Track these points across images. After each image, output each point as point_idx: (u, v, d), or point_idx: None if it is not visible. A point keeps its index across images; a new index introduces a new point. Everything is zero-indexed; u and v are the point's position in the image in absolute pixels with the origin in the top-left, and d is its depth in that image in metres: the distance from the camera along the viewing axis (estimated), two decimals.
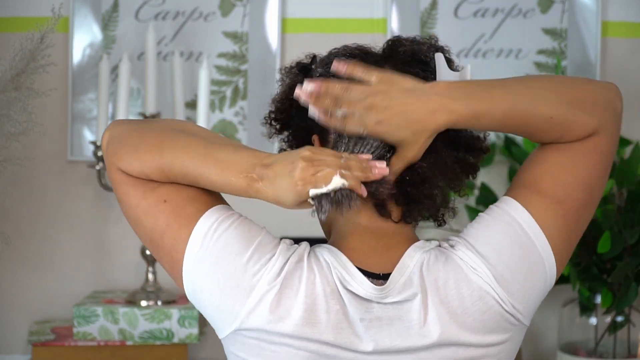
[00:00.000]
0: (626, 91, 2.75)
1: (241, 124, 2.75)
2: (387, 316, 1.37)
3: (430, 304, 1.37)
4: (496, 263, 1.38)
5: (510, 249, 1.39)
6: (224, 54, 2.76)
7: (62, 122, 2.75)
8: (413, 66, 1.43)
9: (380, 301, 1.38)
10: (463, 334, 1.37)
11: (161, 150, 1.40)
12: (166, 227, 1.40)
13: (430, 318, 1.36)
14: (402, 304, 1.37)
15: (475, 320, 1.37)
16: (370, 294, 1.37)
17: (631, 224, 2.48)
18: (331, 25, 2.75)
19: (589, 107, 1.43)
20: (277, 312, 1.36)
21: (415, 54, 1.44)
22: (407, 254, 1.41)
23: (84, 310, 2.55)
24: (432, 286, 1.37)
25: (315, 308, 1.36)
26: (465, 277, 1.38)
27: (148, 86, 2.62)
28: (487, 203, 2.66)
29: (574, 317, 2.63)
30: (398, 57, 1.44)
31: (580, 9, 2.73)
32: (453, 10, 2.74)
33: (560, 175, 1.43)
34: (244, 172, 1.37)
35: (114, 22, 2.75)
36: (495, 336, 1.38)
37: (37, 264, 2.76)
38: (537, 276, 1.40)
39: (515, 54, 2.73)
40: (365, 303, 1.37)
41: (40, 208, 2.76)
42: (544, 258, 1.40)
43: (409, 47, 1.45)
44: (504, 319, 1.39)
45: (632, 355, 2.58)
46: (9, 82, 2.41)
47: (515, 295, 1.39)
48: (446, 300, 1.37)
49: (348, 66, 1.40)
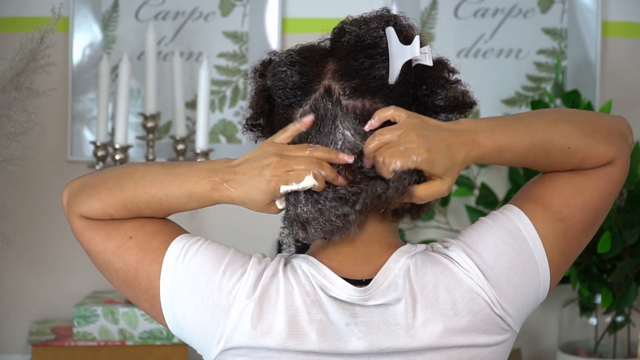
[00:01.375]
0: (626, 91, 2.76)
1: (241, 124, 2.75)
2: (372, 321, 1.36)
3: (419, 308, 1.36)
4: (493, 265, 1.38)
5: (509, 254, 1.39)
6: (224, 54, 2.76)
7: (62, 122, 2.75)
8: (357, 56, 1.40)
9: (363, 304, 1.36)
10: (455, 336, 1.36)
11: (121, 185, 1.40)
12: (137, 264, 1.40)
13: (420, 322, 1.35)
14: (387, 308, 1.36)
15: (468, 322, 1.37)
16: (352, 297, 1.36)
17: (631, 224, 2.48)
18: (331, 25, 2.74)
19: (604, 138, 1.43)
20: (259, 327, 1.35)
21: (360, 40, 1.41)
22: (392, 258, 1.39)
23: (84, 310, 2.55)
24: (421, 290, 1.36)
25: (298, 320, 1.35)
26: (456, 278, 1.37)
27: (148, 86, 2.62)
28: (487, 203, 2.66)
29: (574, 317, 2.63)
30: (342, 48, 1.42)
31: (580, 9, 2.73)
32: (453, 10, 2.74)
33: (570, 195, 1.43)
34: (206, 177, 1.37)
35: (114, 22, 2.75)
36: (487, 337, 1.38)
37: (37, 264, 2.76)
38: (531, 285, 1.40)
39: (515, 54, 2.73)
40: (349, 307, 1.36)
41: (40, 208, 2.76)
42: (540, 269, 1.40)
43: (353, 33, 1.42)
44: (494, 322, 1.38)
45: (632, 355, 2.58)
46: (9, 82, 2.41)
47: (508, 299, 1.38)
48: (437, 303, 1.36)
49: (375, 120, 1.37)
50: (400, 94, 1.40)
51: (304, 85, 1.41)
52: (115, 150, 2.60)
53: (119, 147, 2.60)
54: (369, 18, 1.44)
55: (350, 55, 1.41)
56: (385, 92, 1.39)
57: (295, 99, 1.41)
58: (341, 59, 1.41)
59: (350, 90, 1.39)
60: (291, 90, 1.41)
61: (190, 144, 2.69)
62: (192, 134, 2.70)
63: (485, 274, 1.38)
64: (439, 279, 1.37)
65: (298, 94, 1.41)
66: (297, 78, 1.41)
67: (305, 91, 1.41)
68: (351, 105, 1.39)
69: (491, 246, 1.39)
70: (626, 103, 2.72)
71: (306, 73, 1.41)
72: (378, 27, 1.41)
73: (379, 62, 1.40)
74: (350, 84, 1.39)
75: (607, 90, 2.72)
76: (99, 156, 2.62)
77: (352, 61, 1.40)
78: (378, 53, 1.40)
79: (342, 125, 1.39)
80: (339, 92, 1.39)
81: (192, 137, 2.71)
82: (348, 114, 1.39)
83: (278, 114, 1.44)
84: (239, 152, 2.73)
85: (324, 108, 1.39)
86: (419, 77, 1.42)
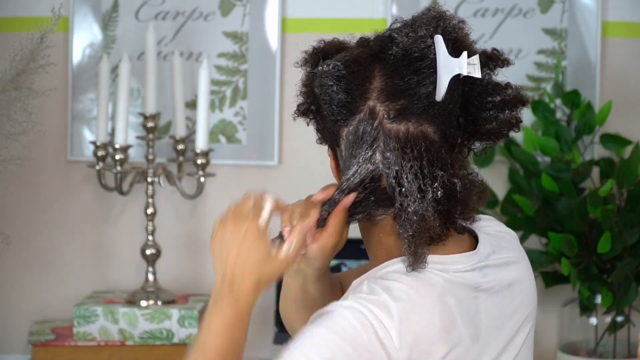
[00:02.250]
0: (626, 91, 2.76)
1: (241, 124, 2.75)
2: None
3: None
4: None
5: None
6: (224, 54, 2.76)
7: (62, 122, 2.75)
8: (404, 73, 1.36)
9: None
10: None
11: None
12: None
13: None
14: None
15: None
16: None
17: (631, 224, 2.48)
18: (331, 25, 2.75)
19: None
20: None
21: (408, 53, 1.37)
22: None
23: (84, 310, 2.55)
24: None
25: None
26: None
27: (148, 86, 2.62)
28: (487, 203, 2.66)
29: (574, 317, 2.63)
30: (389, 61, 1.38)
31: (580, 9, 2.73)
32: (453, 10, 2.74)
33: None
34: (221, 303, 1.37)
35: (114, 22, 2.75)
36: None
37: (37, 264, 2.76)
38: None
39: (515, 54, 2.73)
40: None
41: (40, 208, 2.76)
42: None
43: (400, 45, 1.38)
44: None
45: (632, 355, 2.58)
46: (9, 82, 2.41)
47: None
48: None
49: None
50: (448, 111, 1.37)
51: (349, 104, 1.38)
52: (115, 150, 2.60)
53: (119, 147, 2.60)
54: (417, 23, 1.39)
55: (396, 72, 1.37)
56: (432, 112, 1.36)
57: (341, 117, 1.38)
58: (388, 76, 1.37)
59: (395, 113, 1.36)
60: (337, 108, 1.38)
61: (190, 144, 2.69)
62: (192, 134, 2.70)
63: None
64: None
65: (344, 112, 1.38)
66: (343, 96, 1.38)
67: (351, 110, 1.38)
68: (394, 130, 1.36)
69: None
70: (626, 103, 2.72)
71: (352, 91, 1.38)
72: (426, 36, 1.38)
73: (427, 76, 1.36)
74: (395, 105, 1.36)
75: (607, 90, 2.72)
76: (98, 156, 2.62)
77: (398, 80, 1.36)
78: (426, 66, 1.37)
79: (380, 149, 1.36)
80: (383, 114, 1.36)
81: (192, 137, 2.70)
82: (391, 139, 1.36)
83: (326, 121, 1.42)
84: (238, 151, 2.73)
85: (363, 130, 1.37)
86: (468, 87, 1.40)
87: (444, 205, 1.35)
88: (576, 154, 2.56)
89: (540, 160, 2.64)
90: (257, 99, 2.74)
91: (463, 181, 1.37)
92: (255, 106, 2.75)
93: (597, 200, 2.41)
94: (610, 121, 2.62)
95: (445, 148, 1.37)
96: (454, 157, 1.39)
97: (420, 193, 1.34)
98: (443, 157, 1.36)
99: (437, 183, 1.34)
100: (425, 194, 1.34)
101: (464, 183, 1.37)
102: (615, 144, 2.62)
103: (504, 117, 1.41)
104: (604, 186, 2.42)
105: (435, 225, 1.33)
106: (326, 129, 1.43)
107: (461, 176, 1.37)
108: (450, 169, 1.36)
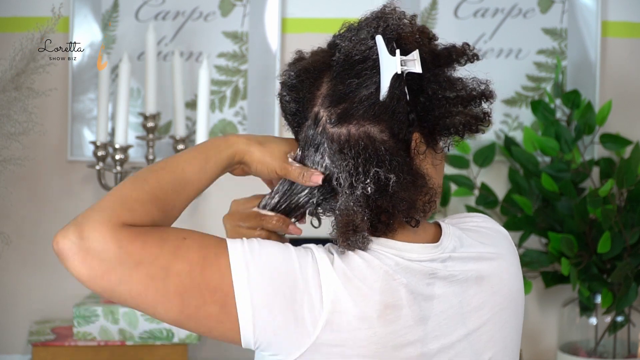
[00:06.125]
0: (626, 91, 2.76)
1: (241, 124, 2.75)
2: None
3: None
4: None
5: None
6: (224, 54, 2.76)
7: (62, 122, 2.75)
8: (345, 77, 1.39)
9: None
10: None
11: (142, 178, 1.38)
12: (203, 260, 1.33)
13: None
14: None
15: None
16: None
17: (631, 224, 2.48)
18: (331, 25, 2.74)
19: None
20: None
21: (349, 56, 1.40)
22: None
23: (84, 310, 2.55)
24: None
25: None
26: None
27: (148, 86, 2.63)
28: (487, 203, 2.66)
29: (574, 317, 2.63)
30: (333, 67, 1.41)
31: (580, 9, 2.73)
32: (453, 10, 2.74)
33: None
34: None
35: (114, 22, 2.75)
36: None
37: (37, 264, 2.76)
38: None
39: (515, 54, 2.73)
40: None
41: (41, 208, 2.76)
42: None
43: (342, 50, 1.41)
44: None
45: (632, 355, 2.59)
46: (9, 82, 2.41)
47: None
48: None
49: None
50: (393, 109, 1.38)
51: (299, 112, 1.42)
52: (115, 150, 2.60)
53: (119, 147, 2.60)
54: (360, 25, 1.43)
55: (339, 77, 1.40)
56: (374, 112, 1.37)
57: (295, 125, 1.44)
58: (332, 82, 1.40)
59: (336, 117, 1.38)
60: (291, 117, 1.44)
61: (190, 144, 2.69)
62: (192, 134, 2.70)
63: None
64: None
65: (296, 120, 1.43)
66: (294, 106, 1.42)
67: (302, 118, 1.42)
68: (336, 134, 1.38)
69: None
70: (626, 103, 2.72)
71: (301, 100, 1.42)
72: (367, 37, 1.41)
73: (368, 77, 1.39)
74: (337, 109, 1.38)
75: (607, 90, 2.72)
76: (98, 156, 2.62)
77: (340, 85, 1.39)
78: (368, 67, 1.39)
79: (326, 152, 1.39)
80: (325, 120, 1.39)
81: (192, 137, 2.71)
82: (333, 143, 1.38)
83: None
84: None
85: (310, 136, 1.40)
86: (417, 84, 1.41)
87: (377, 200, 1.37)
88: (576, 154, 2.56)
89: (540, 160, 2.64)
90: (257, 99, 2.74)
91: (403, 178, 1.38)
92: (255, 106, 2.75)
93: (597, 200, 2.41)
94: (610, 121, 2.62)
95: (396, 145, 1.38)
96: (414, 153, 1.40)
97: (349, 189, 1.37)
98: (381, 154, 1.37)
99: (369, 179, 1.37)
100: (355, 190, 1.37)
101: (405, 180, 1.38)
102: (615, 144, 2.62)
103: (466, 112, 1.42)
104: (604, 186, 2.42)
105: (355, 218, 1.36)
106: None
107: (405, 172, 1.38)
108: (388, 165, 1.37)
